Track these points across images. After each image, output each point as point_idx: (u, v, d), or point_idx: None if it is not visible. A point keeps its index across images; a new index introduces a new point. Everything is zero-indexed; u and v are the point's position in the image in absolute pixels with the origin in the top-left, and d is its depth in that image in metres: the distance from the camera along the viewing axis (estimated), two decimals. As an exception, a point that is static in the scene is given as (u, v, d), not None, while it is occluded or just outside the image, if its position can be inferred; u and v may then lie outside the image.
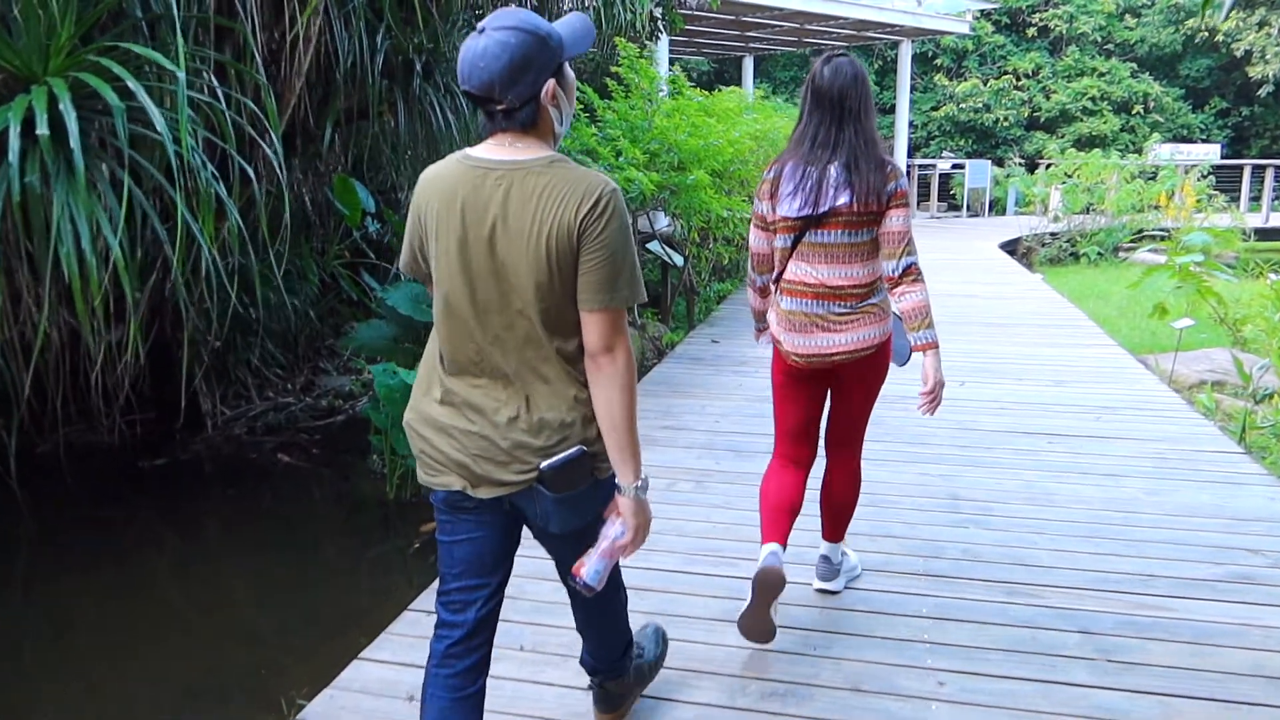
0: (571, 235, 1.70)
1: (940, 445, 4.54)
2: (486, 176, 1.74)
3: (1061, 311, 8.40)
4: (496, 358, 1.79)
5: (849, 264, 2.61)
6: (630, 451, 1.80)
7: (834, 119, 2.58)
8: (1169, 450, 4.45)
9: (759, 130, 7.85)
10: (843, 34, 17.47)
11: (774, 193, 2.65)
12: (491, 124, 1.77)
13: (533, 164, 1.73)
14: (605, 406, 1.77)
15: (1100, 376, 5.91)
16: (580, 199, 1.70)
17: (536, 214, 1.70)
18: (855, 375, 2.73)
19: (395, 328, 6.21)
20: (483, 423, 1.81)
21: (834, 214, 2.56)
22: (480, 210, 1.74)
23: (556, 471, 1.78)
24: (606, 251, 1.72)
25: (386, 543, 4.91)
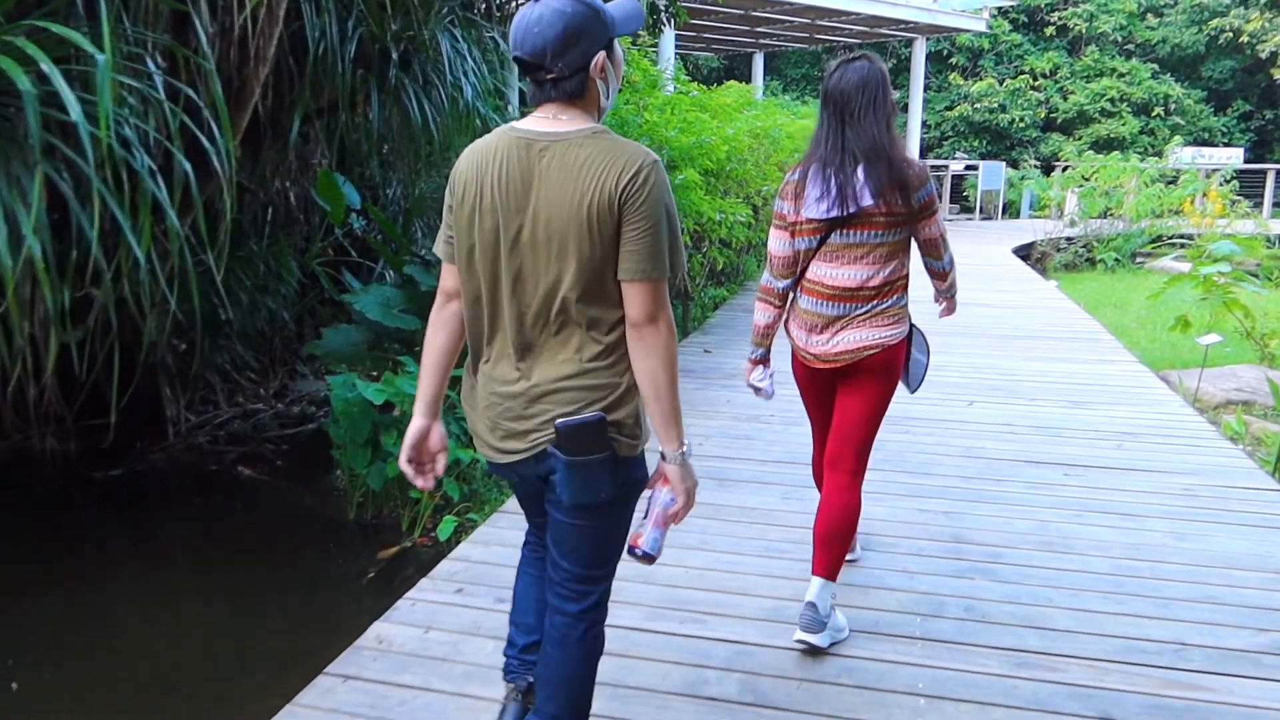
0: (613, 205, 1.72)
1: (944, 476, 4.12)
2: (531, 147, 1.76)
3: (1078, 323, 7.95)
4: (526, 327, 1.81)
5: (871, 265, 2.65)
6: (674, 419, 1.83)
7: (838, 121, 2.62)
8: (1198, 485, 4.02)
9: (759, 128, 7.42)
10: (855, 30, 17.05)
11: (799, 194, 2.67)
12: (539, 93, 1.78)
13: (576, 135, 1.76)
14: (648, 376, 1.79)
15: (1120, 397, 5.48)
16: (621, 169, 1.72)
17: (578, 184, 1.72)
18: (862, 379, 2.72)
19: (365, 333, 5.83)
20: (506, 392, 1.84)
21: (860, 216, 2.60)
22: (524, 180, 1.76)
23: (571, 430, 1.79)
24: (648, 222, 1.73)
25: (341, 569, 4.51)
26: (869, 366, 2.69)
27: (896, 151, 2.63)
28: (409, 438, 1.99)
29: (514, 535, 3.49)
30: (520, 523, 3.75)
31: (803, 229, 2.68)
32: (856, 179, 2.58)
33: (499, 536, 3.49)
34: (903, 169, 2.61)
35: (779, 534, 3.51)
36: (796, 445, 4.50)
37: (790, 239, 2.72)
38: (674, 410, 1.82)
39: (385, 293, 5.81)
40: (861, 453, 2.79)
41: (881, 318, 2.68)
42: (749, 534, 3.50)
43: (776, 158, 7.88)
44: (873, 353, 2.65)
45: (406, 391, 4.64)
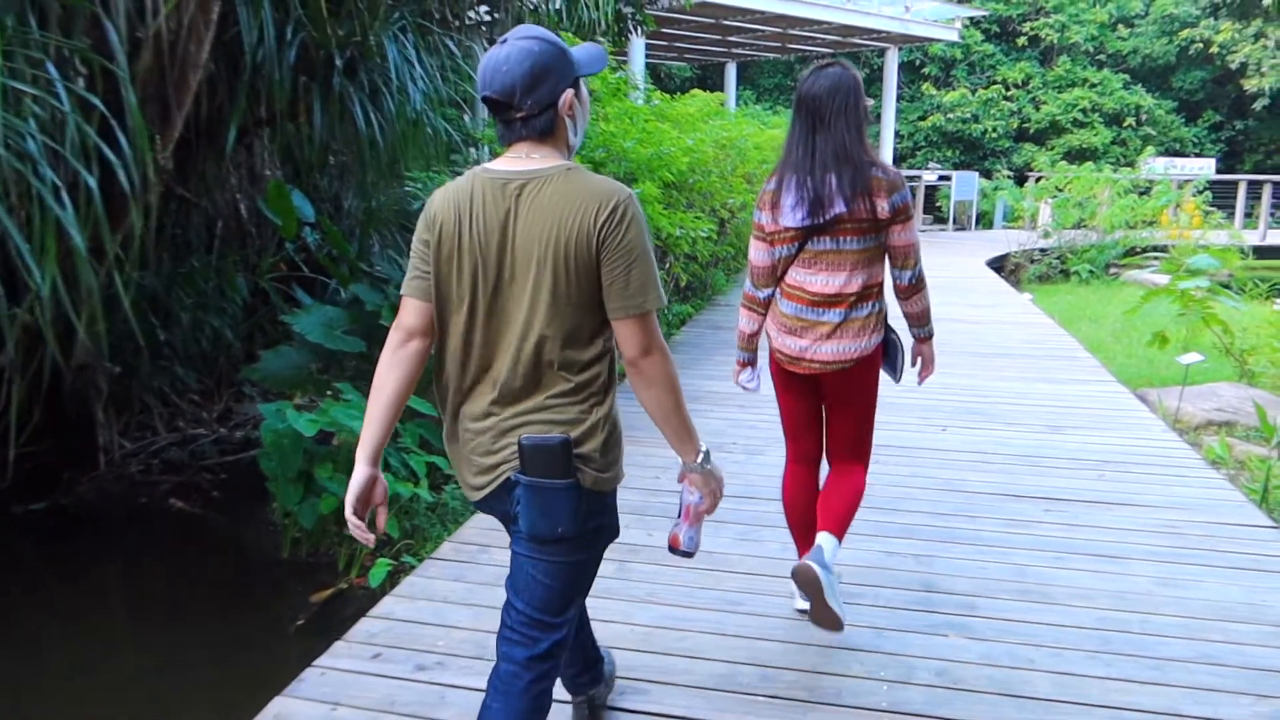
0: (591, 243, 1.73)
1: (915, 513, 3.84)
2: (506, 186, 1.78)
3: (1054, 339, 7.74)
4: (501, 365, 1.81)
5: (847, 271, 2.65)
6: (687, 435, 1.89)
7: (809, 127, 2.62)
8: (1184, 522, 3.76)
9: (725, 138, 7.14)
10: (827, 40, 16.91)
11: (776, 203, 2.68)
12: (509, 132, 1.80)
13: (550, 172, 1.77)
14: (655, 404, 1.84)
15: (1100, 420, 5.23)
16: (599, 206, 1.73)
17: (555, 222, 1.73)
18: (846, 388, 2.76)
19: (306, 356, 5.50)
20: (478, 427, 1.85)
21: (836, 222, 2.61)
22: (500, 220, 1.78)
23: (534, 448, 1.79)
24: (630, 257, 1.75)
25: (270, 614, 4.18)
26: (853, 375, 2.73)
27: (868, 157, 2.61)
28: (354, 488, 1.90)
29: (443, 587, 3.18)
30: (455, 569, 3.51)
31: (780, 237, 2.69)
32: (828, 186, 2.58)
33: (427, 589, 3.17)
34: (874, 175, 2.60)
35: (734, 583, 3.21)
36: (757, 478, 4.22)
37: (770, 248, 2.73)
38: (685, 427, 1.88)
39: (328, 313, 5.49)
40: (861, 447, 2.87)
41: (861, 325, 2.69)
42: (702, 583, 3.20)
43: (743, 169, 7.61)
44: (850, 364, 2.69)
45: (343, 422, 4.32)
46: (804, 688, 2.57)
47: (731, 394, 5.63)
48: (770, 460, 4.48)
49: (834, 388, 2.77)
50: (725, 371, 6.23)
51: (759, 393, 2.97)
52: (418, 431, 4.94)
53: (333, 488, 4.30)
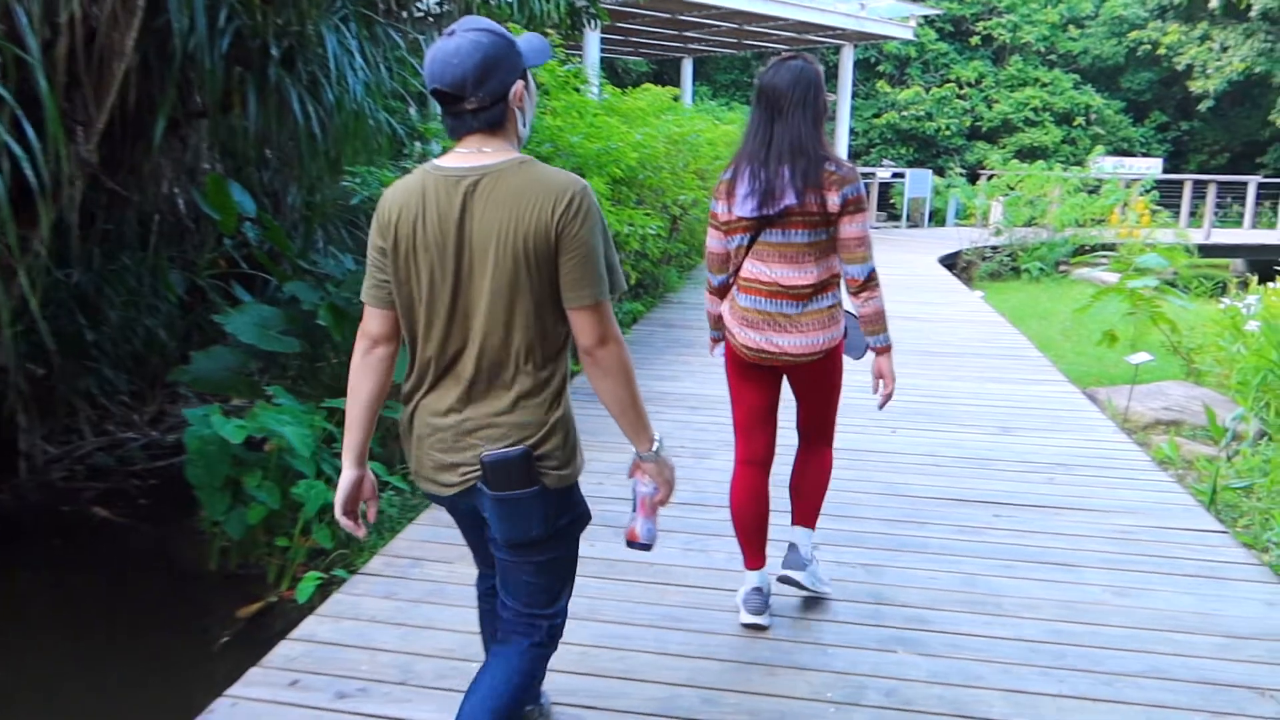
0: (549, 236, 1.73)
1: (863, 519, 3.75)
2: (459, 184, 1.76)
3: (1005, 337, 7.73)
4: (462, 361, 1.82)
5: (802, 263, 2.65)
6: (641, 426, 1.89)
7: (767, 118, 2.63)
8: (1135, 527, 3.71)
9: (677, 133, 7.01)
10: (783, 36, 16.87)
11: (731, 193, 2.69)
12: (460, 125, 1.79)
13: (503, 166, 1.77)
14: (611, 395, 1.84)
15: (1051, 421, 5.20)
16: (555, 199, 1.73)
17: (512, 216, 1.73)
18: (809, 380, 2.80)
19: (239, 357, 5.28)
20: (440, 423, 1.84)
21: (787, 214, 2.61)
22: (454, 217, 1.76)
23: (494, 465, 1.80)
24: (586, 248, 1.75)
25: (192, 631, 3.97)
26: (811, 369, 2.76)
27: (822, 151, 2.61)
28: (342, 490, 1.96)
29: (371, 606, 3.01)
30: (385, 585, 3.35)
31: (734, 227, 2.70)
32: (781, 178, 2.59)
33: (354, 607, 3.00)
34: (826, 169, 2.60)
35: (679, 597, 3.09)
36: (706, 483, 4.10)
37: (724, 237, 2.76)
38: (640, 418, 1.88)
39: (262, 312, 5.27)
40: (828, 428, 2.94)
41: (818, 319, 2.69)
42: (644, 597, 3.07)
43: (695, 165, 7.49)
44: (817, 357, 2.70)
45: (273, 428, 4.12)
46: (747, 711, 2.45)
47: (681, 395, 5.52)
48: (719, 464, 4.37)
49: (802, 380, 2.80)
50: (676, 371, 6.12)
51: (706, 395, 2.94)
52: (355, 436, 4.75)
53: (262, 496, 4.11)
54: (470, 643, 2.30)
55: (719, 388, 2.73)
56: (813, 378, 2.79)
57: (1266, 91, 22.16)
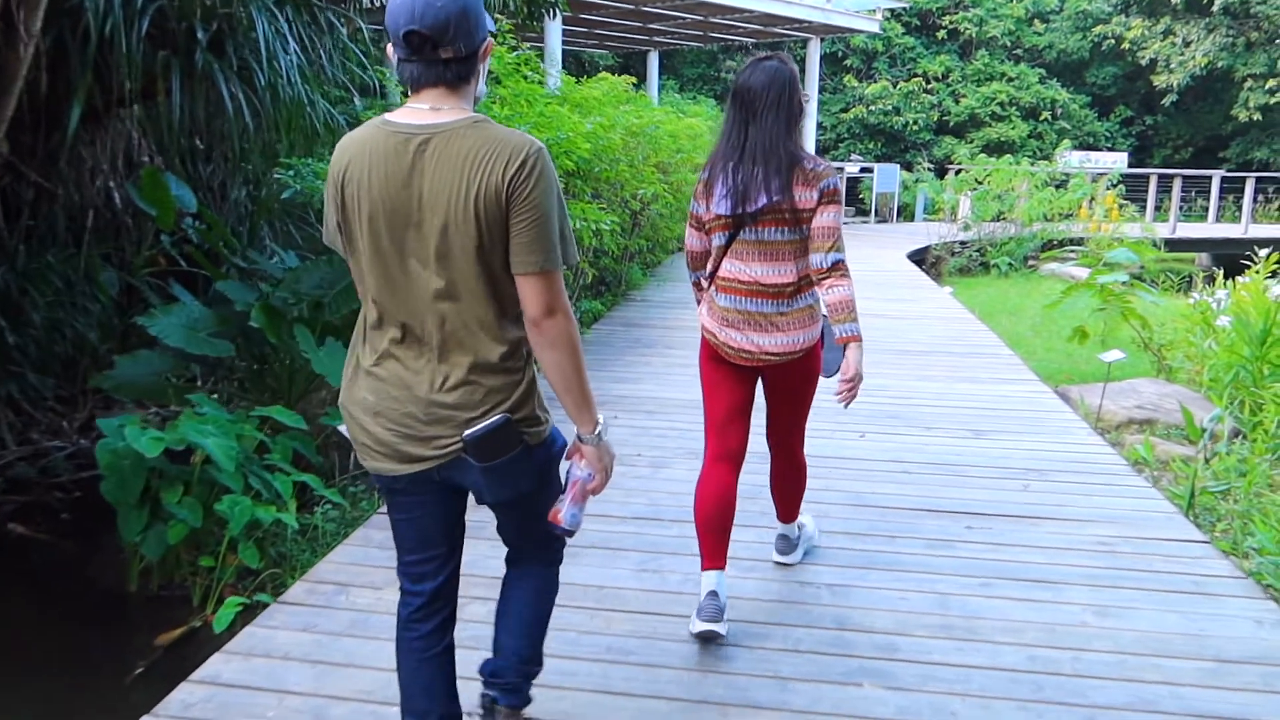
0: (500, 197, 1.67)
1: (829, 534, 3.51)
2: (409, 142, 1.70)
3: (974, 335, 7.54)
4: (423, 328, 1.76)
5: (781, 262, 2.66)
6: (585, 404, 1.82)
7: (742, 118, 2.64)
8: (1115, 538, 3.50)
9: (635, 125, 6.73)
10: (749, 29, 16.66)
11: (709, 191, 2.70)
12: (429, 73, 1.70)
13: (456, 125, 1.70)
14: (556, 369, 1.77)
15: (1023, 424, 5.00)
16: (507, 159, 1.66)
17: (463, 176, 1.67)
18: (785, 381, 2.80)
19: (168, 362, 4.96)
20: (406, 395, 1.78)
21: (765, 212, 2.61)
22: (403, 176, 1.70)
23: (479, 441, 1.76)
24: (538, 212, 1.69)
25: (108, 659, 3.66)
26: (791, 368, 2.75)
27: (797, 151, 2.63)
28: None
29: (286, 640, 2.72)
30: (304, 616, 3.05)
31: (713, 225, 2.71)
32: (757, 177, 2.60)
33: (267, 642, 2.71)
34: (800, 167, 2.61)
35: (626, 625, 2.83)
36: (662, 494, 3.85)
37: (703, 236, 2.78)
38: (585, 396, 1.81)
39: (191, 313, 4.96)
40: (800, 434, 2.97)
41: (799, 318, 2.70)
42: (589, 626, 2.81)
43: (656, 158, 7.22)
44: (795, 357, 2.70)
45: (195, 439, 3.81)
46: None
47: (640, 398, 5.26)
48: (678, 474, 4.12)
49: (778, 380, 2.80)
50: (636, 374, 5.86)
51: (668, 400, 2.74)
52: (290, 445, 4.46)
53: (183, 514, 3.80)
54: (391, 683, 2.03)
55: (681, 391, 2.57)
56: (790, 378, 2.78)
57: (1228, 86, 22.29)
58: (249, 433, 4.24)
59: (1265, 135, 22.49)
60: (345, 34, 6.00)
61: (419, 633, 1.97)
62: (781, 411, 2.90)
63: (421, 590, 1.97)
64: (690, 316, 7.59)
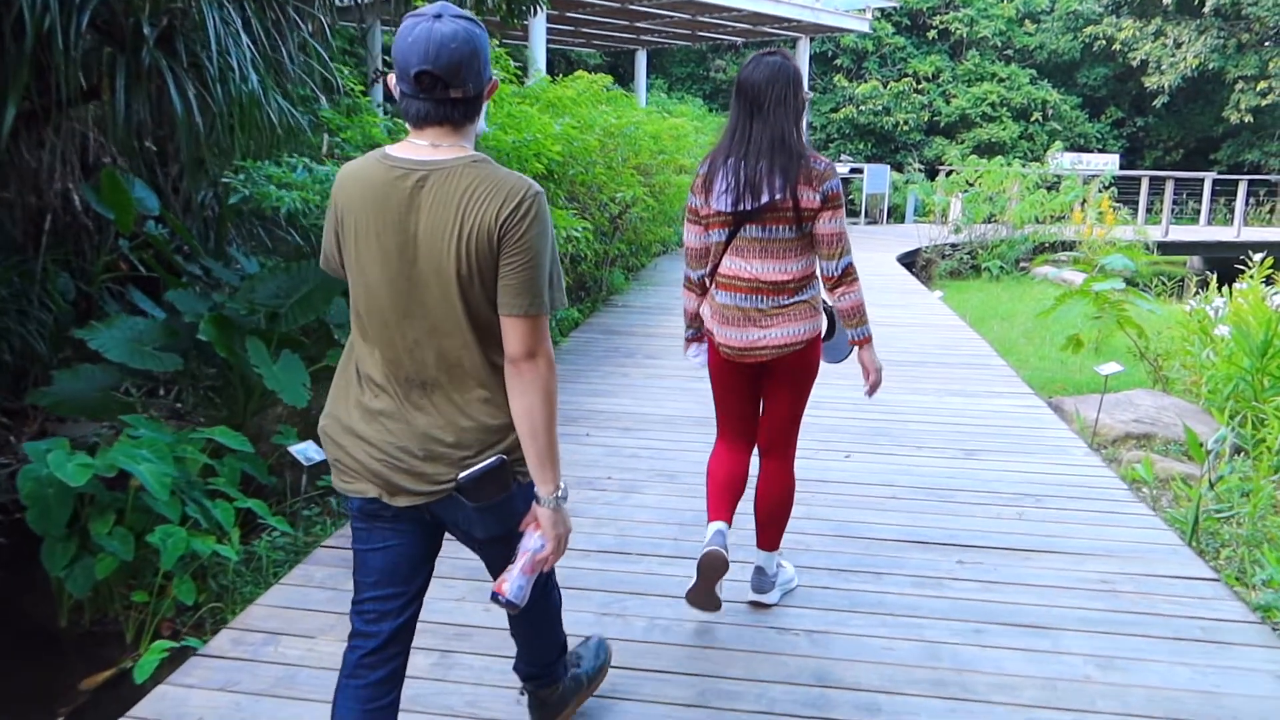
0: (491, 238, 1.67)
1: (812, 570, 3.24)
2: (407, 177, 1.71)
3: (966, 344, 7.30)
4: (416, 364, 1.76)
5: (782, 259, 2.67)
6: (550, 460, 1.78)
7: (748, 114, 2.63)
8: (1116, 574, 3.25)
9: (614, 125, 6.45)
10: (738, 28, 16.43)
11: (708, 187, 2.69)
12: (435, 113, 1.70)
13: (454, 164, 1.71)
14: (526, 414, 1.75)
15: (1017, 442, 4.75)
16: (502, 201, 1.67)
17: (458, 216, 1.68)
18: (785, 372, 2.78)
19: (110, 376, 4.67)
20: (401, 430, 1.77)
21: (767, 210, 2.62)
22: (400, 212, 1.71)
23: (475, 482, 1.76)
24: (529, 255, 1.69)
25: (33, 701, 3.38)
26: (791, 361, 2.73)
27: (801, 148, 2.62)
28: None
29: (201, 700, 2.44)
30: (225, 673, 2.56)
31: (713, 221, 2.70)
32: (762, 173, 2.60)
33: (180, 706, 2.42)
34: (808, 164, 2.61)
35: (584, 686, 2.56)
36: (632, 524, 3.59)
37: (704, 231, 2.75)
38: (550, 450, 1.78)
39: (136, 326, 4.68)
40: (792, 438, 2.90)
41: (799, 311, 2.70)
42: (543, 684, 2.54)
43: (636, 160, 6.95)
44: (796, 349, 2.69)
45: (126, 466, 3.53)
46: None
47: (614, 413, 4.99)
48: (649, 500, 3.86)
49: (778, 373, 2.78)
50: (613, 386, 5.59)
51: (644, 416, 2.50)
52: (238, 467, 4.18)
53: (113, 546, 3.51)
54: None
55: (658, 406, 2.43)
56: (789, 371, 2.77)
57: (1219, 88, 22.14)
58: (192, 455, 3.97)
59: (1256, 137, 22.35)
60: (308, 31, 5.73)
61: (366, 680, 1.87)
62: (778, 408, 2.85)
63: (378, 631, 1.88)
64: (673, 323, 7.33)
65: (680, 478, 4.08)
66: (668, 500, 3.83)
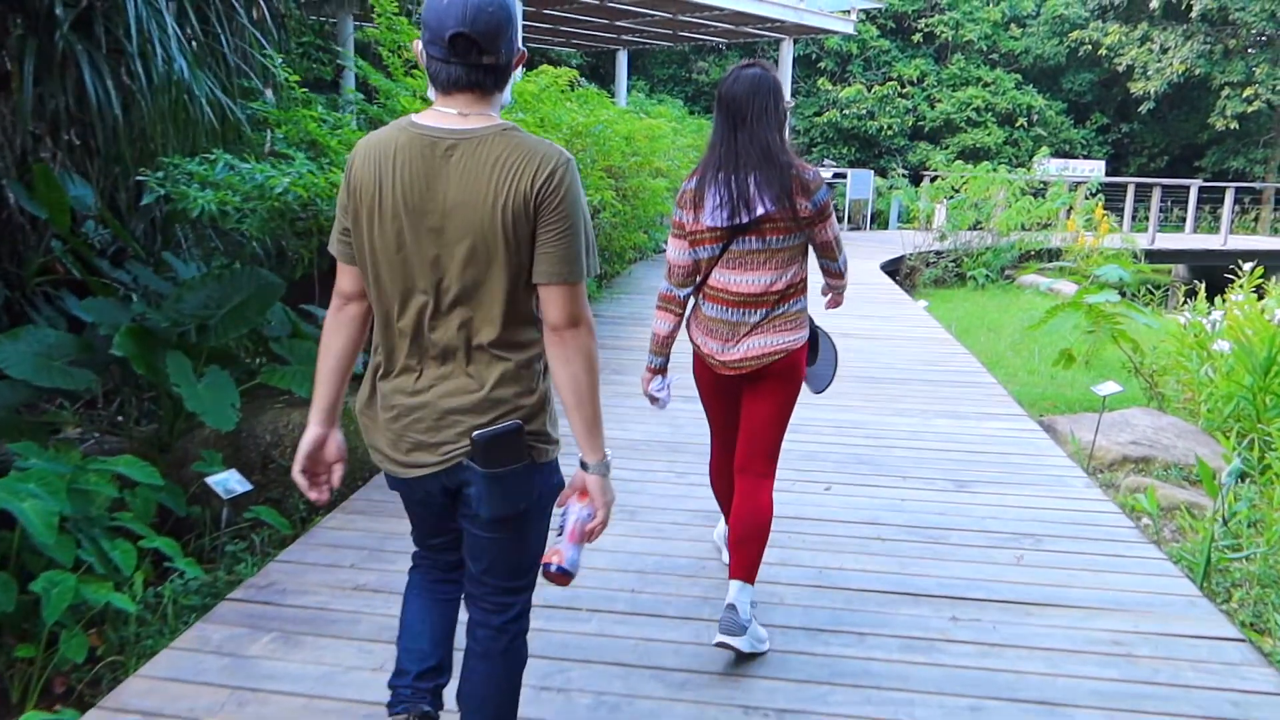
0: (528, 206, 1.66)
1: (786, 630, 2.84)
2: (436, 145, 1.68)
3: (953, 358, 6.93)
4: (438, 334, 1.74)
5: (773, 270, 2.68)
6: (596, 427, 1.79)
7: (731, 128, 2.64)
8: (1130, 634, 2.87)
9: (581, 124, 6.05)
10: (720, 29, 16.06)
11: (697, 203, 2.67)
12: (464, 78, 1.67)
13: (484, 132, 1.68)
14: (571, 381, 1.74)
15: (1012, 471, 4.37)
16: (536, 168, 1.65)
17: (490, 184, 1.65)
18: (768, 383, 2.76)
19: (23, 393, 4.24)
20: (416, 400, 1.77)
21: (764, 221, 2.63)
22: (428, 180, 1.68)
23: (488, 443, 1.73)
24: (566, 223, 1.68)
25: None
26: (774, 371, 2.72)
27: (787, 158, 2.63)
28: (304, 446, 1.89)
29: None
30: None
31: (703, 238, 2.68)
32: (751, 186, 2.60)
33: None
34: (797, 174, 2.62)
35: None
36: (582, 570, 3.18)
37: (690, 248, 2.72)
38: (597, 417, 1.78)
39: (45, 339, 4.25)
40: (771, 455, 2.81)
41: (784, 322, 2.71)
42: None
43: (605, 162, 6.54)
44: (778, 358, 2.68)
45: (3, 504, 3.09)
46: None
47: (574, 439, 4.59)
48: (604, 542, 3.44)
49: (760, 384, 2.77)
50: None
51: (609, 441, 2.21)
52: (153, 499, 3.76)
53: (-9, 593, 3.07)
54: None
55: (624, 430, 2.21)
56: (772, 381, 2.74)
57: (1205, 94, 21.99)
58: (97, 487, 3.53)
59: (1241, 145, 22.21)
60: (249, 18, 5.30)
61: (436, 578, 2.02)
62: (754, 423, 2.78)
63: (437, 560, 2.02)
64: (646, 335, 6.93)
65: (643, 515, 3.68)
66: (628, 543, 3.42)
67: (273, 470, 4.31)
